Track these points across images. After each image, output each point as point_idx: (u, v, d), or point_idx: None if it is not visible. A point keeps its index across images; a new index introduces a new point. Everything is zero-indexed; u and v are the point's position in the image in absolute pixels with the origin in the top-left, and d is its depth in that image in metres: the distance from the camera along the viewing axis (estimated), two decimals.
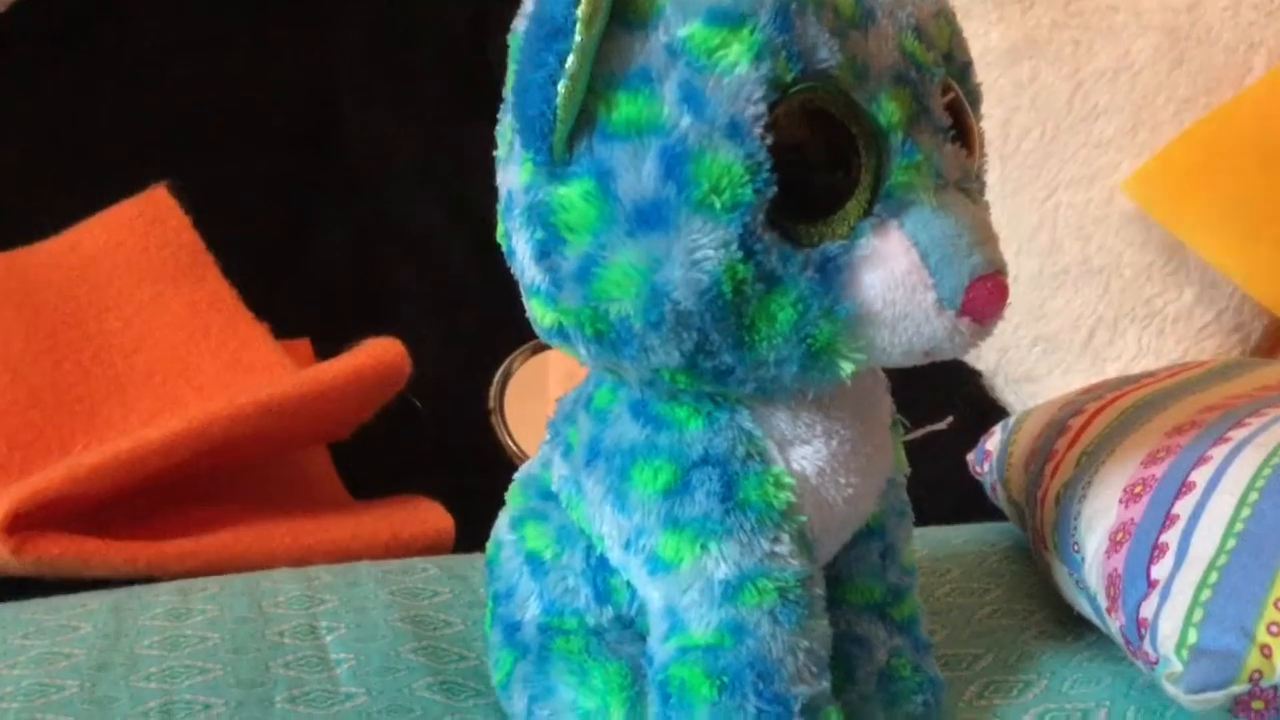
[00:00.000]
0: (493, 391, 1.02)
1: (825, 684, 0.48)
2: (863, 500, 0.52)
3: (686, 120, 0.41)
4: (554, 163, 0.43)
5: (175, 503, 0.86)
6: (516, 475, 0.56)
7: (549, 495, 0.53)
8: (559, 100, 0.41)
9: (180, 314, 0.97)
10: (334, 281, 1.14)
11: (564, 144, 0.43)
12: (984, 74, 0.49)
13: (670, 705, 0.48)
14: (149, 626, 0.66)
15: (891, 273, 0.44)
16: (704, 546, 0.47)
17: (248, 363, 0.97)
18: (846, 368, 0.45)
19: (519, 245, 0.46)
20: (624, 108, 0.42)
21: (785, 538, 0.48)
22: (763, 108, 0.41)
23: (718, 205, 0.41)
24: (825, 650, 0.49)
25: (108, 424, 0.91)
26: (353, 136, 1.19)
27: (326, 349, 0.96)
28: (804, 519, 0.48)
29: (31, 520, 0.80)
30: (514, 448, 1.01)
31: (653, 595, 0.48)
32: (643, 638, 0.51)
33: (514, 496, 0.55)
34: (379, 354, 0.91)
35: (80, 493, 0.81)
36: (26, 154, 1.06)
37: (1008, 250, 0.48)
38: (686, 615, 0.47)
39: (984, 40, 1.03)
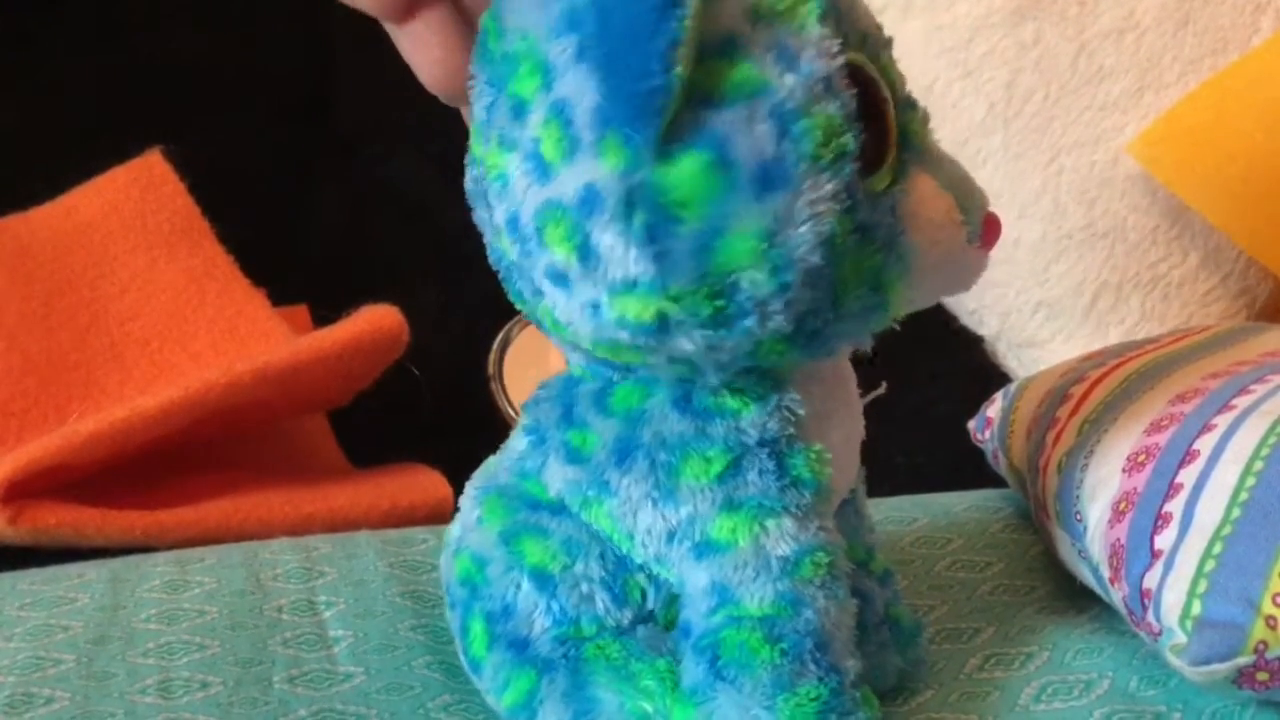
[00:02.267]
0: (492, 358, 1.02)
1: (860, 661, 0.50)
2: (852, 464, 0.54)
3: (790, 78, 0.43)
4: (661, 140, 0.43)
5: (172, 471, 0.86)
6: (477, 487, 0.55)
7: (538, 505, 0.52)
8: (678, 70, 0.41)
9: (176, 281, 0.96)
10: (331, 248, 1.13)
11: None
12: (988, 36, 0.50)
13: (721, 665, 0.47)
14: (147, 599, 0.66)
15: (933, 214, 0.48)
16: (762, 525, 0.47)
17: (244, 330, 0.96)
18: (897, 313, 0.48)
19: (607, 241, 0.44)
20: (728, 74, 0.43)
21: (828, 512, 0.50)
22: (842, 60, 0.44)
23: (828, 158, 0.43)
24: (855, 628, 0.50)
25: (104, 391, 0.90)
26: (350, 101, 1.18)
27: (324, 316, 0.96)
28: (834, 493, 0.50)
29: (27, 489, 0.79)
30: (513, 415, 1.00)
31: (698, 577, 0.48)
32: (669, 630, 0.51)
33: (491, 511, 0.53)
34: (377, 321, 0.91)
35: (76, 461, 0.81)
36: (20, 120, 1.05)
37: (1011, 214, 0.48)
38: (739, 591, 0.48)
39: (987, 2, 1.02)
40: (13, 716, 0.55)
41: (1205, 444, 0.56)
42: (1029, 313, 1.03)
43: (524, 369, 1.00)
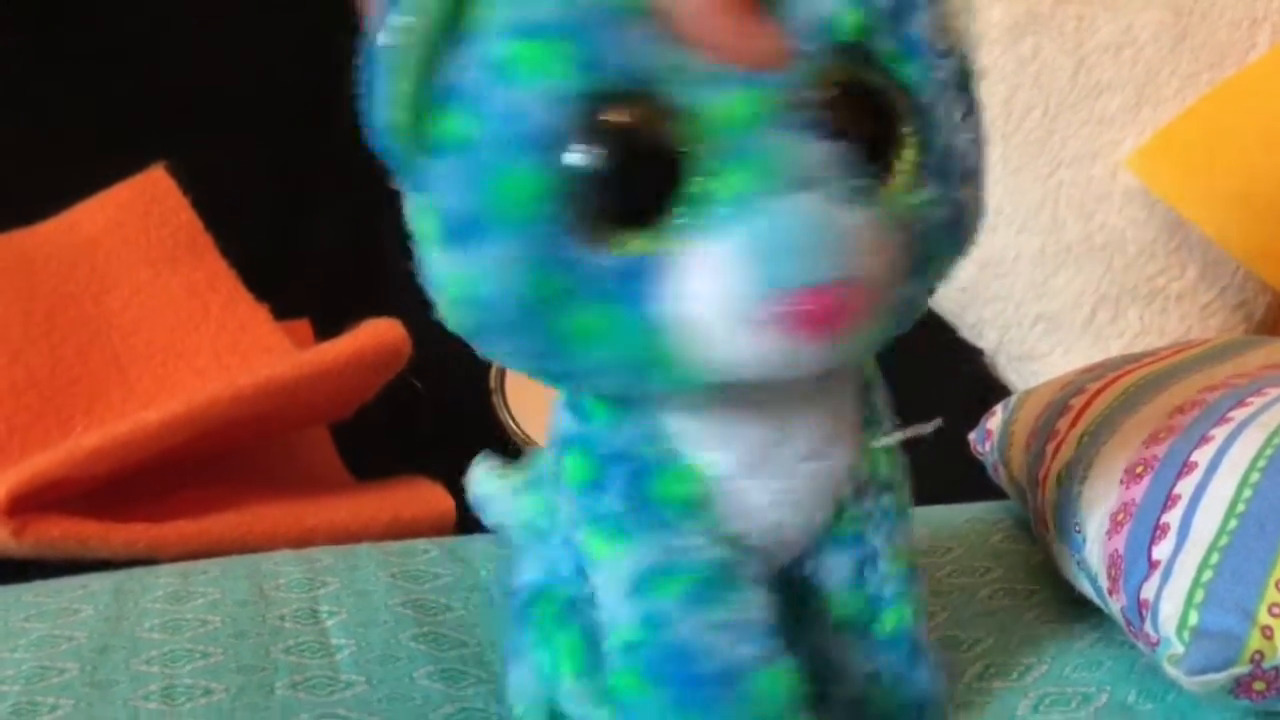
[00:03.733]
0: (494, 372, 1.02)
1: (759, 648, 0.48)
2: (800, 505, 0.50)
3: (491, 133, 0.41)
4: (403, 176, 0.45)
5: (175, 484, 0.86)
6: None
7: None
8: (393, 117, 0.43)
9: (179, 295, 0.96)
10: (333, 262, 1.13)
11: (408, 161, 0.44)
12: (986, 51, 0.49)
13: (624, 712, 0.49)
14: (150, 609, 0.66)
15: (701, 288, 0.41)
16: (614, 542, 0.48)
17: (247, 344, 0.97)
18: (670, 380, 0.44)
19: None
20: (442, 123, 0.42)
21: (695, 531, 0.47)
22: (565, 119, 0.41)
23: (522, 217, 0.41)
24: (761, 614, 0.49)
25: (107, 406, 0.91)
26: (352, 116, 1.18)
27: (326, 330, 0.96)
28: (717, 515, 0.48)
29: (31, 502, 0.80)
30: (515, 429, 1.01)
31: (595, 586, 0.49)
32: None
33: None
34: (379, 335, 0.91)
35: (80, 475, 0.81)
36: (23, 135, 1.06)
37: (1010, 229, 0.47)
38: (613, 612, 0.48)
39: (986, 17, 1.03)
40: None
41: (1203, 455, 0.57)
42: (1028, 325, 1.03)
43: (526, 383, 1.01)
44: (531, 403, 1.00)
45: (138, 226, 0.98)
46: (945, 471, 0.90)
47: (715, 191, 0.41)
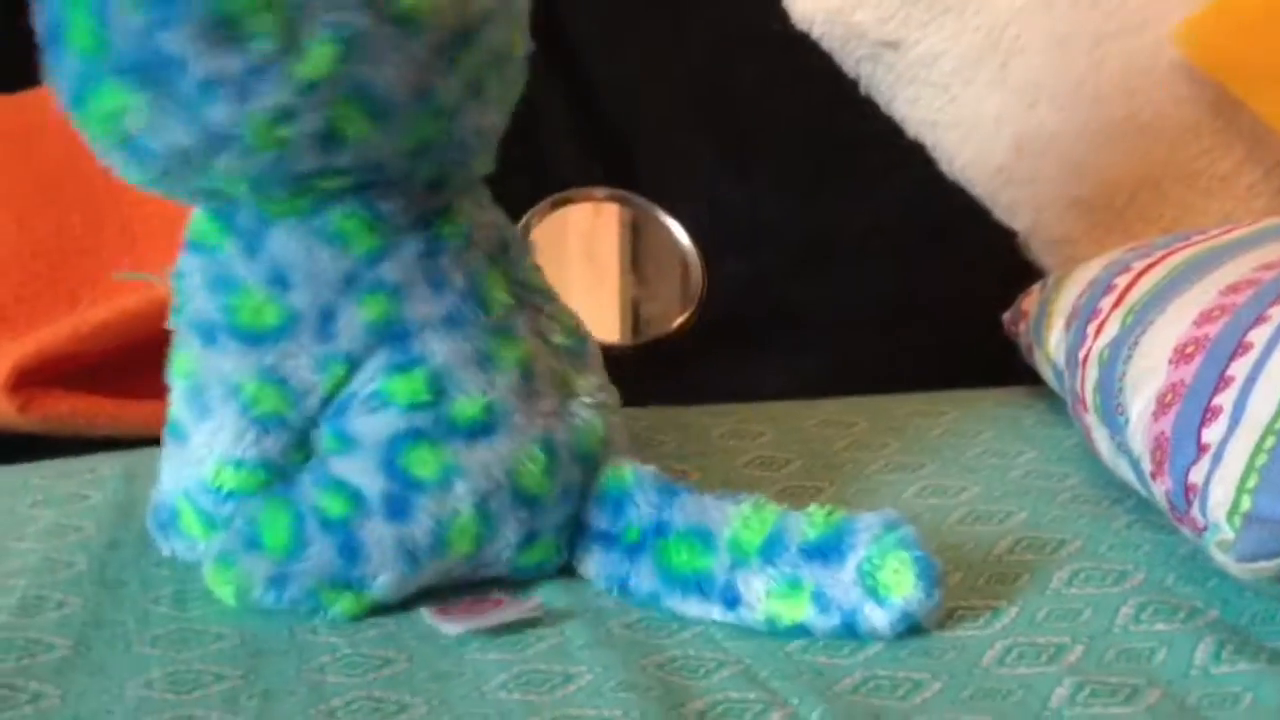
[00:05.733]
0: None
1: None
2: None
3: None
4: None
5: None
6: None
7: None
8: None
9: None
10: None
11: None
12: None
13: None
14: None
15: None
16: None
17: None
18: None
19: None
20: None
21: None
22: None
23: None
24: None
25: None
26: None
27: None
28: None
29: (38, 377, 0.78)
30: None
31: None
32: None
33: None
34: None
35: (88, 349, 0.80)
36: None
37: (1050, 106, 0.43)
38: None
39: None
40: (24, 618, 0.55)
41: (1259, 336, 0.54)
42: (1064, 207, 1.00)
43: (543, 260, 0.98)
44: (550, 279, 0.97)
45: None
46: (976, 355, 0.88)
47: None
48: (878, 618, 0.51)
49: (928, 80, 0.98)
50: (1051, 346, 0.71)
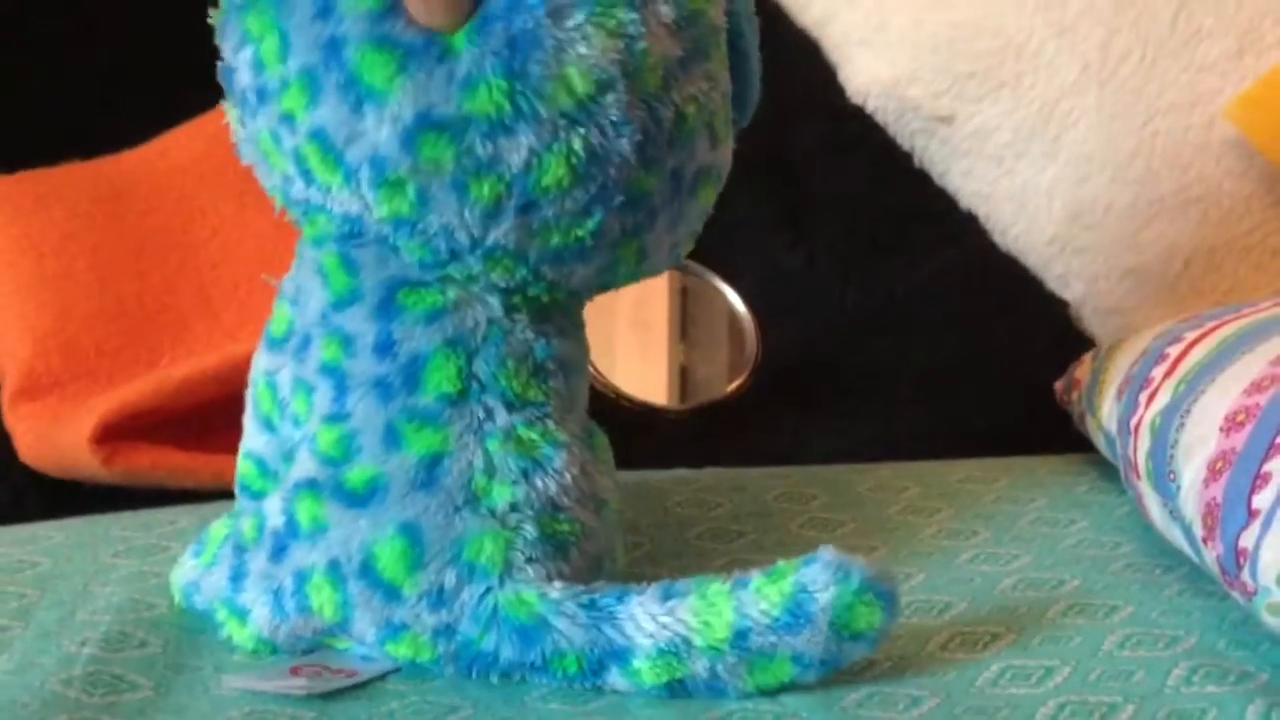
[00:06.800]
0: None
1: None
2: None
3: None
4: None
5: None
6: None
7: None
8: None
9: (265, 227, 0.96)
10: None
11: None
12: None
13: None
14: None
15: None
16: None
17: None
18: None
19: None
20: None
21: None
22: None
23: None
24: None
25: (194, 335, 0.91)
26: None
27: None
28: None
29: (121, 431, 0.81)
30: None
31: None
32: None
33: None
34: None
35: (169, 405, 0.82)
36: (114, 61, 1.06)
37: (1103, 178, 0.45)
38: None
39: None
40: (109, 653, 0.57)
41: None
42: (1117, 278, 1.01)
43: (592, 325, 1.00)
44: (592, 333, 0.99)
45: (226, 156, 0.97)
46: (1028, 423, 0.89)
47: None
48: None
49: (981, 153, 1.00)
50: (1104, 414, 0.73)
